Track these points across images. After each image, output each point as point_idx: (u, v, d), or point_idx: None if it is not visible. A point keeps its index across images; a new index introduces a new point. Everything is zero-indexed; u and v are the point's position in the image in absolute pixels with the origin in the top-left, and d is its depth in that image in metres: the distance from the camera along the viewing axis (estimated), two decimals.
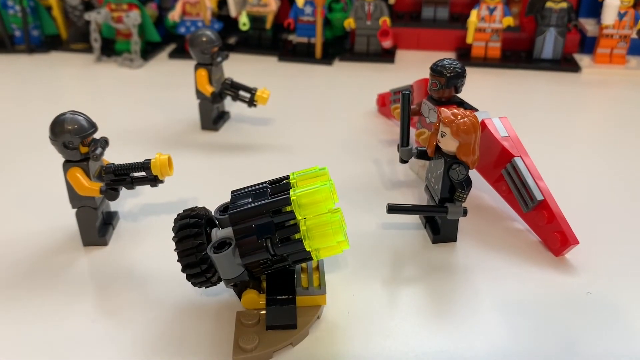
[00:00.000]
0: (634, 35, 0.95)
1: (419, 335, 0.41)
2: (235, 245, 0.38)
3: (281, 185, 0.40)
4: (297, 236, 0.37)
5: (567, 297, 0.45)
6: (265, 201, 0.38)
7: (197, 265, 0.38)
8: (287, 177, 0.40)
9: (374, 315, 0.43)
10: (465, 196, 0.48)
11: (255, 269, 0.40)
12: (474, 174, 0.52)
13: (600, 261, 0.49)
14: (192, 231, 0.39)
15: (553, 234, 0.49)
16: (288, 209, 0.37)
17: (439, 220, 0.51)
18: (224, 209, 0.40)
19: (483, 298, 0.45)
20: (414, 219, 0.55)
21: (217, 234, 0.40)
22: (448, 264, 0.49)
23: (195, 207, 0.41)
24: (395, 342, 0.40)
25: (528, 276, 0.47)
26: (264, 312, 0.40)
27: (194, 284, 0.40)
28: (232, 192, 0.41)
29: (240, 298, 0.41)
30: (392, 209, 0.49)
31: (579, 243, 0.48)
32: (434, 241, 0.51)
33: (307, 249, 0.37)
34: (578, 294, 0.45)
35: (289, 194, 0.37)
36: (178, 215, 0.40)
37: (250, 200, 0.39)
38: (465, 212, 0.49)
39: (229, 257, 0.37)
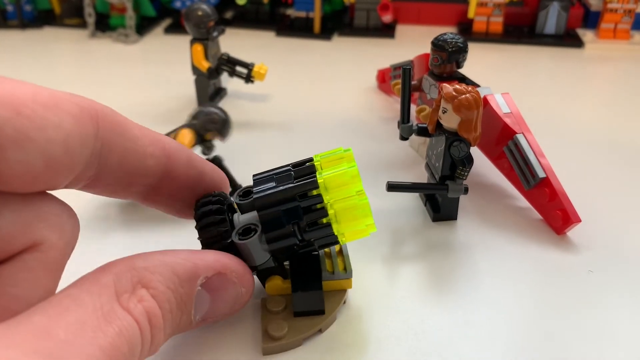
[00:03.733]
0: (639, 10, 0.93)
1: (419, 313, 0.41)
2: (261, 231, 0.35)
3: (305, 168, 0.37)
4: (325, 220, 0.35)
5: (568, 275, 0.44)
6: (292, 185, 0.35)
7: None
8: (311, 160, 0.38)
9: (373, 294, 0.42)
10: (466, 174, 0.47)
11: (280, 254, 0.37)
12: (475, 151, 0.52)
13: (602, 239, 0.48)
14: (216, 218, 0.36)
15: (555, 212, 0.49)
16: (315, 192, 0.35)
17: (440, 198, 0.51)
18: (243, 193, 0.38)
19: (484, 276, 0.44)
20: (414, 197, 0.54)
21: (240, 219, 0.37)
22: (448, 242, 0.48)
23: (214, 192, 0.38)
24: (394, 319, 0.40)
25: (529, 254, 0.47)
26: (289, 297, 0.39)
27: None
28: (254, 175, 0.38)
29: (264, 284, 0.39)
30: (392, 187, 0.48)
31: (581, 221, 0.48)
32: (435, 219, 0.51)
33: (335, 233, 0.36)
34: (579, 272, 0.45)
35: (315, 176, 0.35)
36: (198, 201, 0.37)
37: (274, 184, 0.36)
38: (466, 190, 0.48)
39: (254, 244, 0.35)
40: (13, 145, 0.24)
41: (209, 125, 0.52)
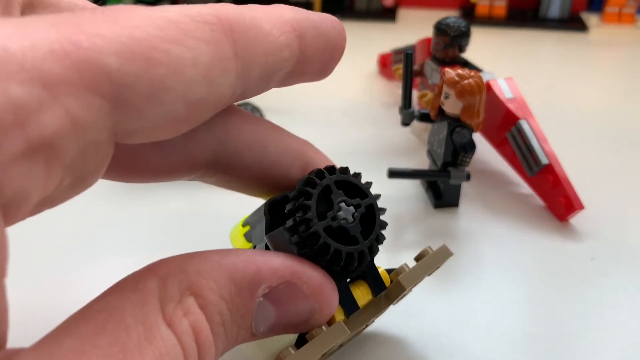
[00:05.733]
0: None
1: (421, 301, 0.40)
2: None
3: None
4: None
5: (571, 263, 0.44)
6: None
7: None
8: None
9: None
10: (468, 160, 0.46)
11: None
12: (477, 137, 0.51)
13: (605, 227, 0.48)
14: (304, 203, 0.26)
15: (558, 199, 0.48)
16: None
17: (441, 184, 0.50)
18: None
19: (486, 263, 0.44)
20: (416, 183, 0.54)
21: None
22: (450, 229, 0.48)
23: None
24: (396, 307, 0.40)
25: (532, 242, 0.46)
26: None
27: None
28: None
29: None
30: (393, 173, 0.48)
31: (584, 208, 0.47)
32: (436, 206, 0.50)
33: None
34: (582, 259, 0.44)
35: None
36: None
37: None
38: (468, 177, 0.47)
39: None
40: (151, 102, 0.20)
41: None
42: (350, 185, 0.28)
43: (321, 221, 0.26)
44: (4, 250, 0.18)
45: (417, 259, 0.33)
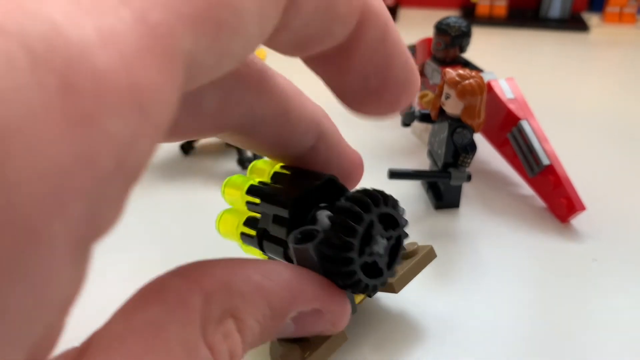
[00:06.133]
0: None
1: (421, 302, 0.40)
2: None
3: None
4: None
5: (572, 264, 0.44)
6: None
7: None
8: None
9: None
10: (469, 161, 0.46)
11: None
12: (478, 137, 0.51)
13: (607, 228, 0.47)
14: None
15: (559, 200, 0.48)
16: None
17: (442, 185, 0.50)
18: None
19: (487, 265, 0.44)
20: (416, 184, 0.54)
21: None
22: (451, 230, 0.48)
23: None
24: (396, 308, 0.39)
25: (533, 243, 0.46)
26: None
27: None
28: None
29: None
30: (394, 174, 0.47)
31: (585, 209, 0.47)
32: (437, 207, 0.50)
33: None
34: (584, 261, 0.44)
35: None
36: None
37: None
38: (469, 177, 0.47)
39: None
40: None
41: None
42: (388, 215, 0.28)
43: (359, 257, 0.26)
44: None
45: (405, 256, 0.34)
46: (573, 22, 0.93)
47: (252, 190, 0.32)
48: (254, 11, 0.17)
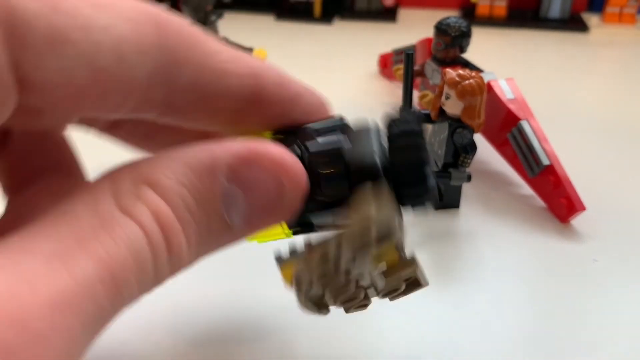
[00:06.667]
0: None
1: (421, 303, 0.40)
2: None
3: None
4: None
5: (572, 265, 0.44)
6: None
7: None
8: None
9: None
10: (469, 161, 0.46)
11: None
12: (478, 137, 0.51)
13: (607, 228, 0.47)
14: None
15: (559, 200, 0.48)
16: None
17: (442, 186, 0.50)
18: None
19: (487, 265, 0.44)
20: None
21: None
22: (451, 230, 0.48)
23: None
24: (396, 310, 0.39)
25: (533, 243, 0.46)
26: None
27: None
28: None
29: None
30: None
31: (585, 209, 0.47)
32: (437, 207, 0.50)
33: None
34: (584, 261, 0.44)
35: None
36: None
37: None
38: (469, 178, 0.47)
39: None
40: (48, 46, 0.19)
41: None
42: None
43: None
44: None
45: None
46: (573, 23, 0.93)
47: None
48: (102, 25, 0.19)
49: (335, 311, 0.39)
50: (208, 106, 0.25)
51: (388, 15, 0.97)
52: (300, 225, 0.29)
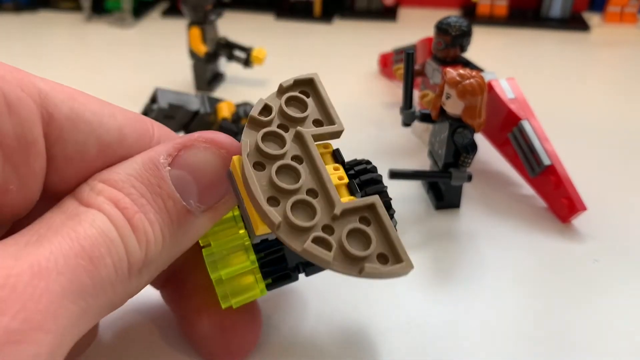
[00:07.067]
0: None
1: (422, 303, 0.40)
2: None
3: None
4: None
5: (573, 265, 0.43)
6: None
7: None
8: None
9: (374, 284, 0.42)
10: (470, 161, 0.46)
11: None
12: (479, 137, 0.51)
13: (608, 228, 0.47)
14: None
15: (560, 200, 0.48)
16: None
17: (443, 185, 0.50)
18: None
19: (487, 265, 0.43)
20: (417, 184, 0.53)
21: None
22: (452, 230, 0.47)
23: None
24: (397, 309, 0.39)
25: (534, 243, 0.46)
26: None
27: None
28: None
29: None
30: (394, 174, 0.47)
31: (586, 209, 0.47)
32: (437, 207, 0.50)
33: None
34: (585, 261, 0.44)
35: None
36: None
37: None
38: (469, 178, 0.47)
39: None
40: (69, 123, 0.25)
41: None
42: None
43: None
44: None
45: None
46: (574, 22, 0.93)
47: None
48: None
49: (336, 312, 0.39)
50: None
51: (388, 14, 0.97)
52: (274, 279, 0.33)
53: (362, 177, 0.32)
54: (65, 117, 0.24)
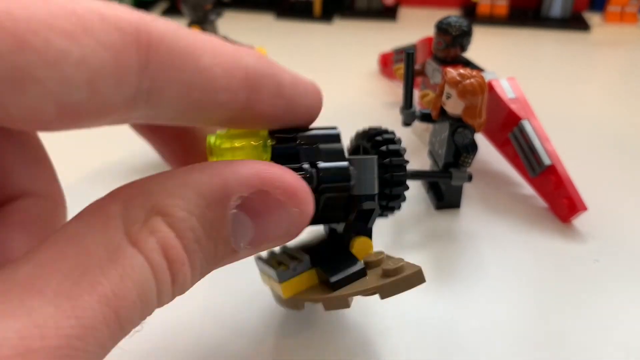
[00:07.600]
0: None
1: (422, 303, 0.40)
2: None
3: None
4: None
5: (574, 265, 0.43)
6: None
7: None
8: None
9: None
10: (470, 161, 0.46)
11: None
12: (479, 137, 0.51)
13: (609, 228, 0.47)
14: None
15: (561, 200, 0.48)
16: None
17: (443, 185, 0.49)
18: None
19: (488, 265, 0.43)
20: (417, 184, 0.53)
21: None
22: (452, 230, 0.47)
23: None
24: (397, 309, 0.39)
25: (534, 243, 0.46)
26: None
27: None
28: None
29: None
30: None
31: (587, 209, 0.47)
32: (438, 207, 0.50)
33: None
34: (585, 261, 0.44)
35: None
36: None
37: None
38: (470, 178, 0.47)
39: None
40: (9, 88, 0.18)
41: None
42: None
43: None
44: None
45: (388, 274, 0.32)
46: (574, 22, 0.93)
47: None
48: (74, 59, 0.18)
49: (337, 313, 0.39)
50: (197, 117, 0.24)
51: (388, 14, 0.97)
52: None
53: (390, 146, 0.39)
54: (7, 83, 0.19)
